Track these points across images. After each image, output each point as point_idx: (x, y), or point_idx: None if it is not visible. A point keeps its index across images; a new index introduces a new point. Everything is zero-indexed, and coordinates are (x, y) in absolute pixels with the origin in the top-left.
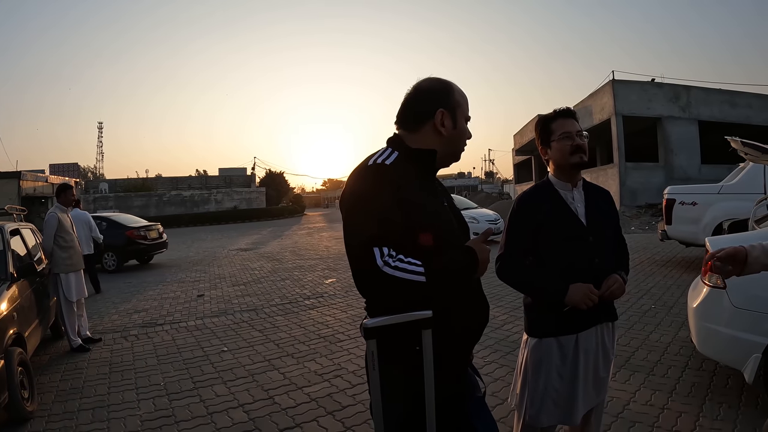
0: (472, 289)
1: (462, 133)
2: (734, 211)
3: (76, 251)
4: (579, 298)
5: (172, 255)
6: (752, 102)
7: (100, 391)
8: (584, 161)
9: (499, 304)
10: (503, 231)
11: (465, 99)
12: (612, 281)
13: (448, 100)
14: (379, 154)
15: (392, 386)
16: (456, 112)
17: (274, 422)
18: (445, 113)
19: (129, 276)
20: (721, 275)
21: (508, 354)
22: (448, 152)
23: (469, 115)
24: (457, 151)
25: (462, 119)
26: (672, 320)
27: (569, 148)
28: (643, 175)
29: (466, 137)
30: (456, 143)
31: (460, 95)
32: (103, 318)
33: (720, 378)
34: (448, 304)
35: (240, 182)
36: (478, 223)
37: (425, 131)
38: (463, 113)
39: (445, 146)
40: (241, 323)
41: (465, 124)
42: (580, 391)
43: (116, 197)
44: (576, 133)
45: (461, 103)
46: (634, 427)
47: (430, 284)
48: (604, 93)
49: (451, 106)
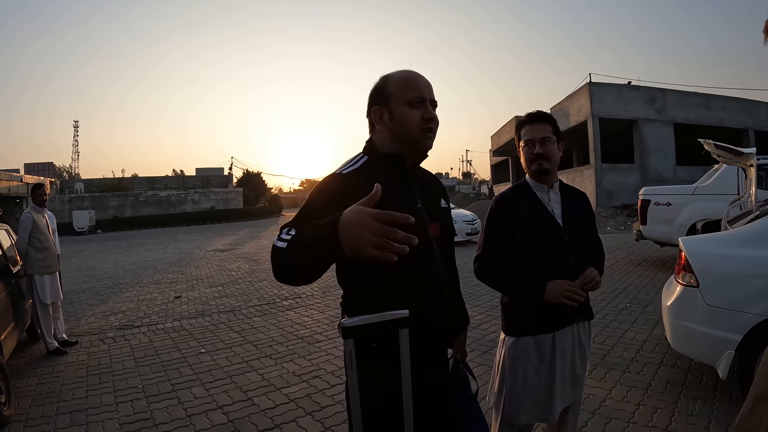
0: (430, 288)
1: (402, 119)
2: (708, 212)
3: (51, 252)
4: (558, 294)
5: (149, 256)
6: (726, 105)
7: (78, 395)
8: (543, 168)
9: (477, 304)
10: (481, 231)
11: (405, 83)
12: (588, 272)
13: (381, 95)
14: (347, 163)
15: (370, 385)
16: (390, 103)
17: (253, 423)
18: (380, 109)
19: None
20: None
21: (486, 353)
22: (403, 144)
23: (416, 96)
24: (410, 138)
25: (399, 106)
26: (647, 318)
27: (529, 155)
28: (619, 176)
29: (411, 121)
30: (401, 132)
31: (395, 83)
32: (79, 320)
33: (694, 374)
34: (407, 302)
35: (217, 182)
36: (455, 223)
37: (377, 132)
38: (401, 99)
39: (395, 140)
40: (219, 324)
41: (407, 109)
42: (558, 389)
43: (92, 197)
44: (540, 140)
45: (396, 90)
46: (610, 424)
47: (287, 250)
48: (581, 95)
49: (384, 99)
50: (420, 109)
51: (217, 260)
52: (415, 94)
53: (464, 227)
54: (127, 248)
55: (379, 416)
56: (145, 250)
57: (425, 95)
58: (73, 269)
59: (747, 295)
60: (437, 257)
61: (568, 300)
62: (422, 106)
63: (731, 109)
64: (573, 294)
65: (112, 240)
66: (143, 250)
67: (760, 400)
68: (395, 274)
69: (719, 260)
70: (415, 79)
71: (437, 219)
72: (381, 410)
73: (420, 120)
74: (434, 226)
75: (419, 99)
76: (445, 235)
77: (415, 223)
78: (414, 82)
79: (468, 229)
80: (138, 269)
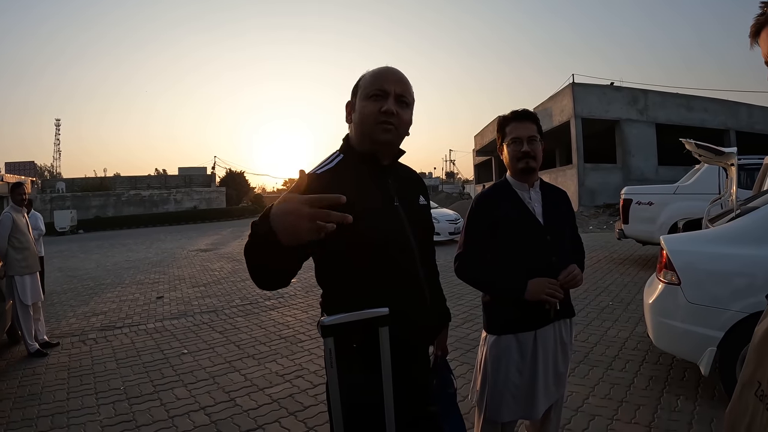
0: (409, 286)
1: (359, 111)
2: (689, 211)
3: (31, 253)
4: (539, 291)
5: (131, 256)
6: (708, 106)
7: (59, 397)
8: (530, 167)
9: (459, 303)
10: (462, 230)
11: (372, 77)
12: (570, 269)
13: (354, 89)
14: (323, 162)
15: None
16: (357, 97)
17: (236, 424)
18: (350, 103)
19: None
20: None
21: (468, 352)
22: (362, 137)
23: (377, 89)
24: (365, 131)
25: (360, 100)
26: (629, 316)
27: (516, 153)
28: (601, 176)
29: (366, 113)
30: (360, 126)
31: (366, 77)
32: (60, 321)
33: (677, 371)
34: (385, 299)
35: (200, 182)
36: (438, 223)
37: (350, 127)
38: (364, 92)
39: (357, 133)
40: (201, 325)
41: (364, 102)
42: (540, 387)
43: (73, 197)
44: (527, 138)
45: (363, 84)
46: (593, 421)
47: (245, 257)
48: (564, 96)
49: (354, 93)
50: (379, 102)
51: (199, 260)
52: (377, 87)
53: (447, 227)
54: (109, 248)
55: (359, 415)
56: (128, 251)
57: (388, 89)
58: (54, 270)
59: (728, 292)
60: (416, 255)
61: (550, 297)
62: (382, 100)
63: (713, 110)
64: (554, 291)
65: (94, 240)
66: (125, 250)
67: (745, 386)
68: (374, 272)
69: (701, 258)
70: (383, 73)
71: (416, 216)
72: (362, 409)
73: (376, 113)
74: (414, 224)
75: (380, 92)
76: (424, 232)
77: (393, 222)
78: (381, 76)
79: (451, 229)
80: (120, 269)
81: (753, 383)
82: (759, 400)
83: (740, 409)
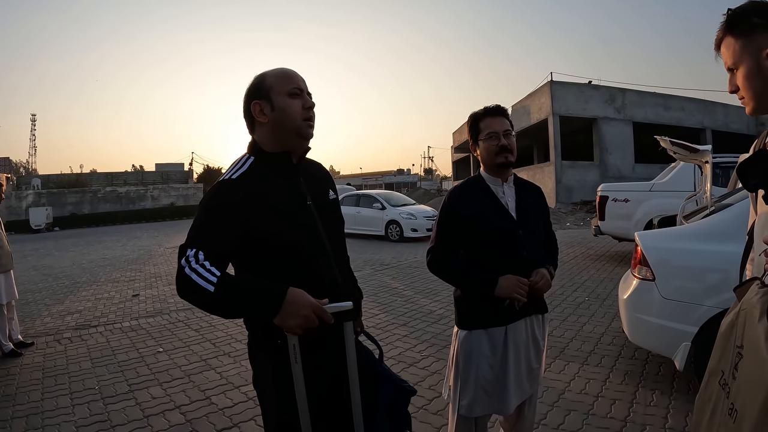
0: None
1: (284, 108)
2: (664, 208)
3: (5, 251)
4: (509, 289)
5: (107, 254)
6: (684, 105)
7: (34, 398)
8: (509, 161)
9: (436, 299)
10: (434, 224)
11: (283, 76)
12: (539, 277)
13: (260, 90)
14: (234, 165)
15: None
16: (271, 96)
17: (211, 423)
18: (260, 103)
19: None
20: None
21: (444, 348)
22: (284, 135)
23: (294, 88)
24: (292, 127)
25: (280, 97)
26: (605, 312)
27: (494, 147)
28: (578, 173)
29: (293, 110)
30: (283, 122)
31: (273, 76)
32: (35, 321)
33: (652, 366)
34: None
35: (177, 178)
36: (416, 219)
37: (258, 129)
38: (281, 90)
39: (275, 131)
40: (177, 323)
41: (288, 99)
42: (512, 382)
43: (49, 194)
44: (503, 133)
45: (275, 83)
46: (569, 416)
47: (216, 296)
48: (542, 93)
49: (263, 92)
50: (299, 99)
51: (176, 258)
52: (294, 85)
53: (425, 223)
54: (84, 246)
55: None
56: (104, 248)
57: (302, 87)
58: (29, 268)
59: (702, 288)
60: (329, 252)
61: (519, 297)
62: (301, 97)
63: (689, 109)
64: (523, 292)
65: (69, 238)
66: (101, 248)
67: (711, 374)
68: (290, 271)
69: (675, 254)
70: (291, 73)
71: (327, 211)
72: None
73: (301, 109)
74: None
75: (298, 90)
76: (335, 227)
77: (307, 221)
78: (290, 75)
79: (428, 225)
80: (95, 267)
81: (717, 372)
82: (721, 388)
83: (706, 396)
